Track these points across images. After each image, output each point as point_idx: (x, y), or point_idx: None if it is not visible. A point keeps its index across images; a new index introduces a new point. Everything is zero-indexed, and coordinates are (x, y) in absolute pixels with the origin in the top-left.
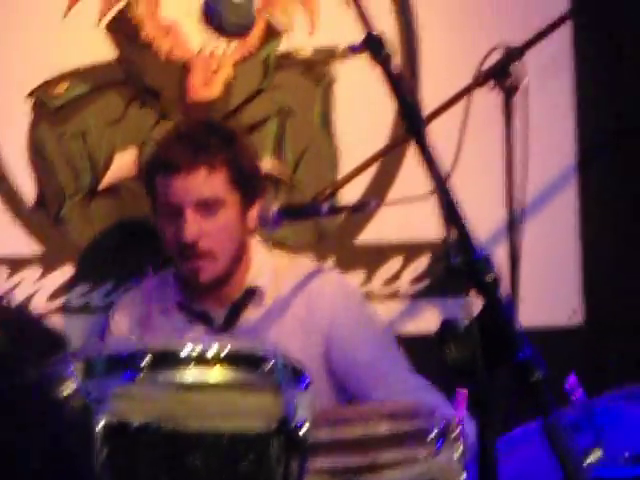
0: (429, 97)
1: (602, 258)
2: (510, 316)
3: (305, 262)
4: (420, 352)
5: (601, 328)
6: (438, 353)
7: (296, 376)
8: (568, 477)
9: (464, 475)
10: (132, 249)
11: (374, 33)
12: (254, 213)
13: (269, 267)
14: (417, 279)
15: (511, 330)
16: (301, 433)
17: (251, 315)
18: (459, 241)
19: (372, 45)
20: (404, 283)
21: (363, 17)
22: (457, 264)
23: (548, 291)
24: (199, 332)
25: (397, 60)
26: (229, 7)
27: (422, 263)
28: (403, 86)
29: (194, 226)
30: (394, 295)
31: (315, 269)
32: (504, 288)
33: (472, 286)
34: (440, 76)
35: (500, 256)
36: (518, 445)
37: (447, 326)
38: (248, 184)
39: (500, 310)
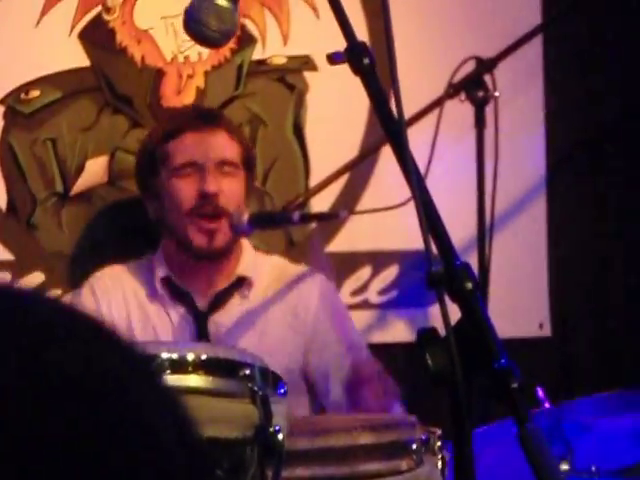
0: None
1: (570, 270)
2: (489, 324)
3: (283, 260)
4: (387, 361)
5: (568, 340)
6: (418, 360)
7: (273, 383)
8: None
9: None
10: (103, 255)
11: (357, 41)
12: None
13: (256, 262)
14: (385, 289)
15: (490, 338)
16: (277, 441)
17: (235, 305)
18: (439, 248)
19: (354, 54)
20: (372, 293)
21: (345, 25)
22: (437, 272)
23: (516, 303)
24: (180, 313)
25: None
26: (213, 14)
27: (391, 273)
28: (384, 95)
29: (216, 181)
30: (363, 304)
31: (305, 270)
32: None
33: (451, 294)
34: (412, 87)
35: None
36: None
37: (426, 333)
38: (251, 168)
39: (479, 318)
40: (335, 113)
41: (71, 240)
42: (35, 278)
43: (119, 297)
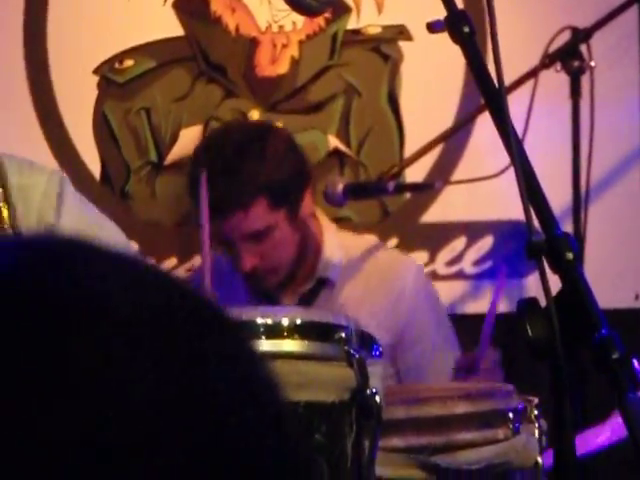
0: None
1: None
2: (590, 294)
3: (375, 240)
4: (480, 331)
5: None
6: (518, 330)
7: (368, 345)
8: None
9: (540, 458)
10: (195, 226)
11: (457, 10)
12: (306, 202)
13: (339, 255)
14: (480, 260)
15: (591, 309)
16: (375, 403)
17: (323, 303)
18: (539, 218)
19: (454, 23)
20: (467, 263)
21: None
22: (538, 242)
23: (612, 273)
24: None
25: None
26: None
27: (486, 244)
28: (483, 64)
29: (249, 257)
30: (457, 275)
31: (387, 250)
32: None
33: (552, 264)
34: (507, 57)
35: None
36: None
37: (526, 304)
38: (290, 193)
39: (580, 288)
40: (430, 83)
41: (165, 209)
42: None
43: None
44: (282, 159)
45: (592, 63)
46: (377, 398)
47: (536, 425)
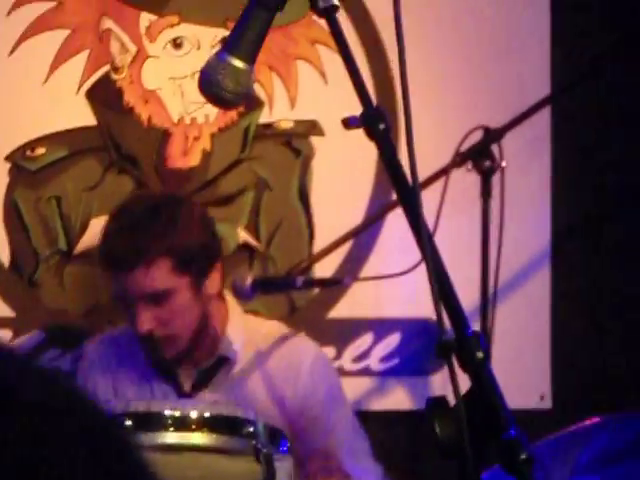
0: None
1: (572, 343)
2: (499, 394)
3: (279, 326)
4: (387, 428)
5: (569, 412)
6: (427, 429)
7: (276, 440)
8: None
9: None
10: (102, 315)
11: (373, 106)
12: (214, 278)
13: (241, 336)
14: (387, 357)
15: (500, 409)
16: None
17: (220, 381)
18: (450, 316)
19: (370, 119)
20: (374, 360)
21: (362, 90)
22: (448, 341)
23: (518, 374)
24: (163, 391)
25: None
26: (229, 75)
27: (393, 341)
28: (398, 161)
29: (146, 318)
30: (364, 371)
31: (289, 333)
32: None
33: (461, 363)
34: (419, 155)
35: None
36: None
37: (435, 403)
38: (197, 262)
39: (489, 388)
40: (340, 179)
41: (72, 298)
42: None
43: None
44: (193, 227)
45: (503, 163)
46: None
47: None
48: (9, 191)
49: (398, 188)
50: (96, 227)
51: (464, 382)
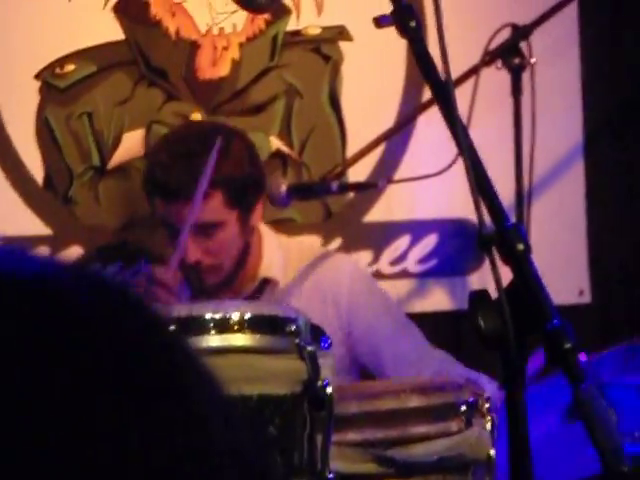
0: None
1: (609, 236)
2: (540, 285)
3: (313, 245)
4: (427, 330)
5: (609, 307)
6: (469, 326)
7: (318, 337)
8: (603, 452)
9: (492, 450)
10: (140, 229)
11: (403, 4)
12: (257, 212)
13: (279, 255)
14: (424, 258)
15: (542, 299)
16: (326, 394)
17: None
18: (489, 210)
19: (401, 17)
20: (411, 262)
21: None
22: (488, 234)
23: (555, 269)
24: None
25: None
26: None
27: (429, 242)
28: (430, 57)
29: (195, 248)
30: (402, 274)
31: (324, 252)
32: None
33: (503, 256)
34: (448, 55)
35: None
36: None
37: (478, 296)
38: (246, 197)
39: (531, 279)
40: (370, 83)
41: (108, 213)
42: (73, 252)
43: None
44: (245, 161)
45: (532, 60)
46: (329, 390)
47: (488, 418)
48: (40, 109)
49: (431, 83)
50: (129, 141)
51: (506, 277)
